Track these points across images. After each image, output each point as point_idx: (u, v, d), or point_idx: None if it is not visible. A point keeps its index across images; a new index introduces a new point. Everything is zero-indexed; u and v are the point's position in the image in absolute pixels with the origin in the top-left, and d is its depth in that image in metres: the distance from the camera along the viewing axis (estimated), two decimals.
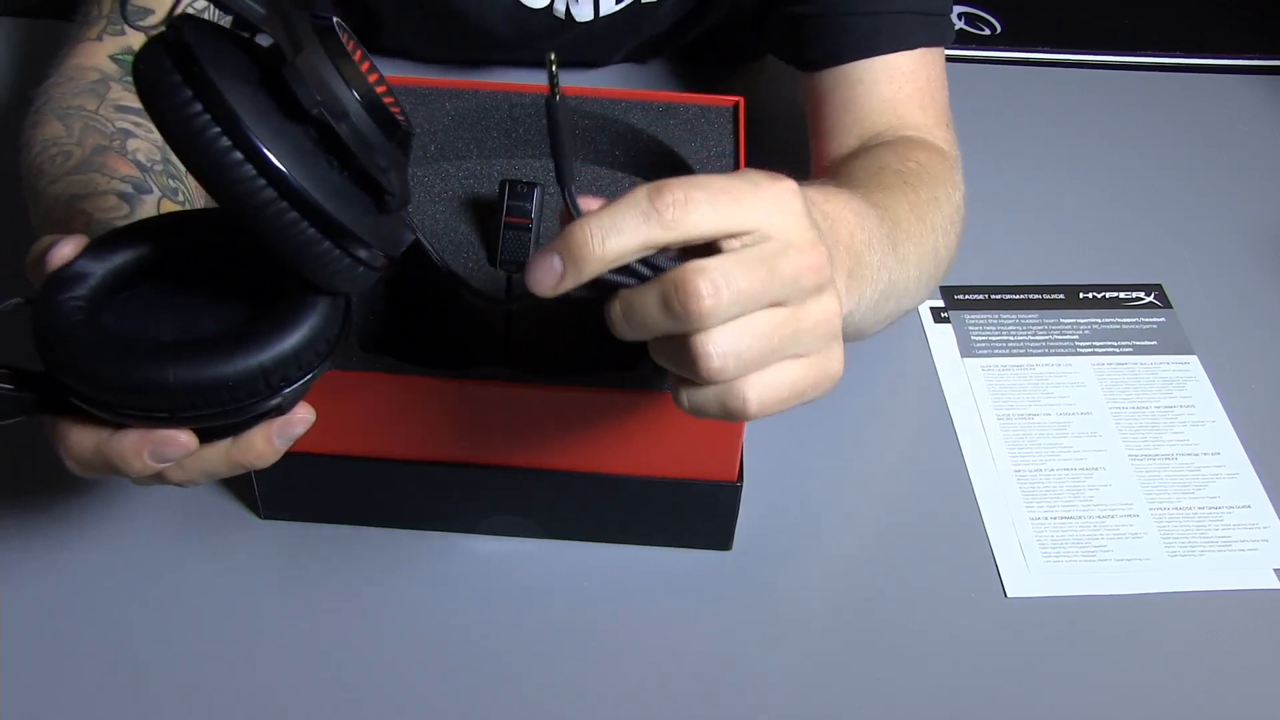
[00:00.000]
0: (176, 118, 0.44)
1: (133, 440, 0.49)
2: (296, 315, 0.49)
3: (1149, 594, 0.69)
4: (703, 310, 0.45)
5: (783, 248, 0.47)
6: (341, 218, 0.46)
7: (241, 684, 0.63)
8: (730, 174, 0.48)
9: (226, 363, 0.48)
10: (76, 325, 0.49)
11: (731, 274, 0.46)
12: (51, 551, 0.68)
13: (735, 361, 0.47)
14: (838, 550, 0.71)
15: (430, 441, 0.65)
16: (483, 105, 0.77)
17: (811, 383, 0.50)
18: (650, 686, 0.64)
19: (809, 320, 0.48)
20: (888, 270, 0.65)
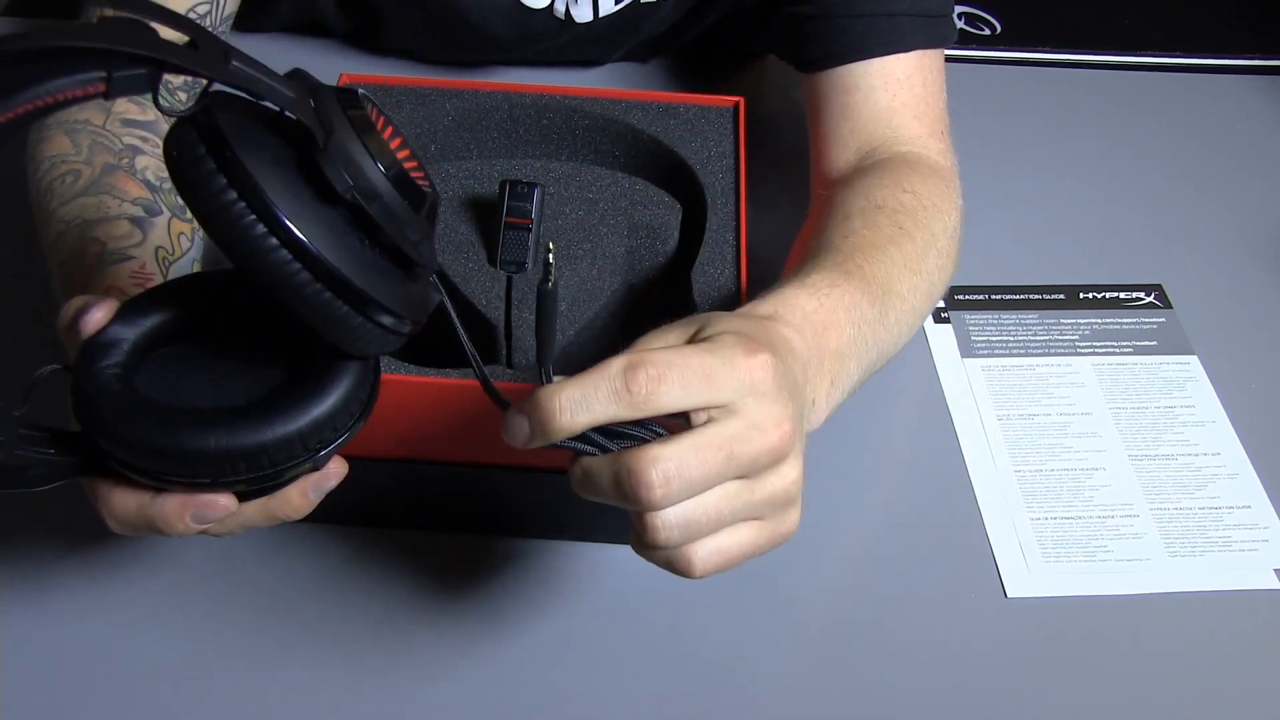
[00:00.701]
0: (211, 205, 0.45)
1: (175, 504, 0.51)
2: (331, 381, 0.51)
3: (1149, 594, 0.69)
4: (652, 499, 0.47)
5: (746, 430, 0.48)
6: (374, 293, 0.47)
7: (241, 685, 0.63)
8: (708, 348, 0.49)
9: (267, 430, 0.49)
10: (118, 394, 0.50)
11: (686, 463, 0.47)
12: (49, 553, 0.68)
13: (681, 533, 0.49)
14: (838, 550, 0.71)
15: (430, 442, 0.65)
16: (483, 105, 0.77)
17: (763, 544, 0.51)
18: (650, 687, 0.64)
19: (765, 492, 0.50)
20: (876, 347, 0.66)
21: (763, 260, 0.82)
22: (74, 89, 0.42)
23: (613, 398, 0.47)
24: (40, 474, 0.50)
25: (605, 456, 0.49)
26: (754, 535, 0.51)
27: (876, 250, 0.68)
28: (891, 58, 0.78)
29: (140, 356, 0.52)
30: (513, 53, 0.98)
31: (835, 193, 0.76)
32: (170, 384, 0.52)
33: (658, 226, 0.73)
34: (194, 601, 0.66)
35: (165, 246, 0.67)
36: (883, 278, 0.67)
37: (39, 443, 0.50)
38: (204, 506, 0.51)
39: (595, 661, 0.65)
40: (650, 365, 0.47)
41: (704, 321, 0.53)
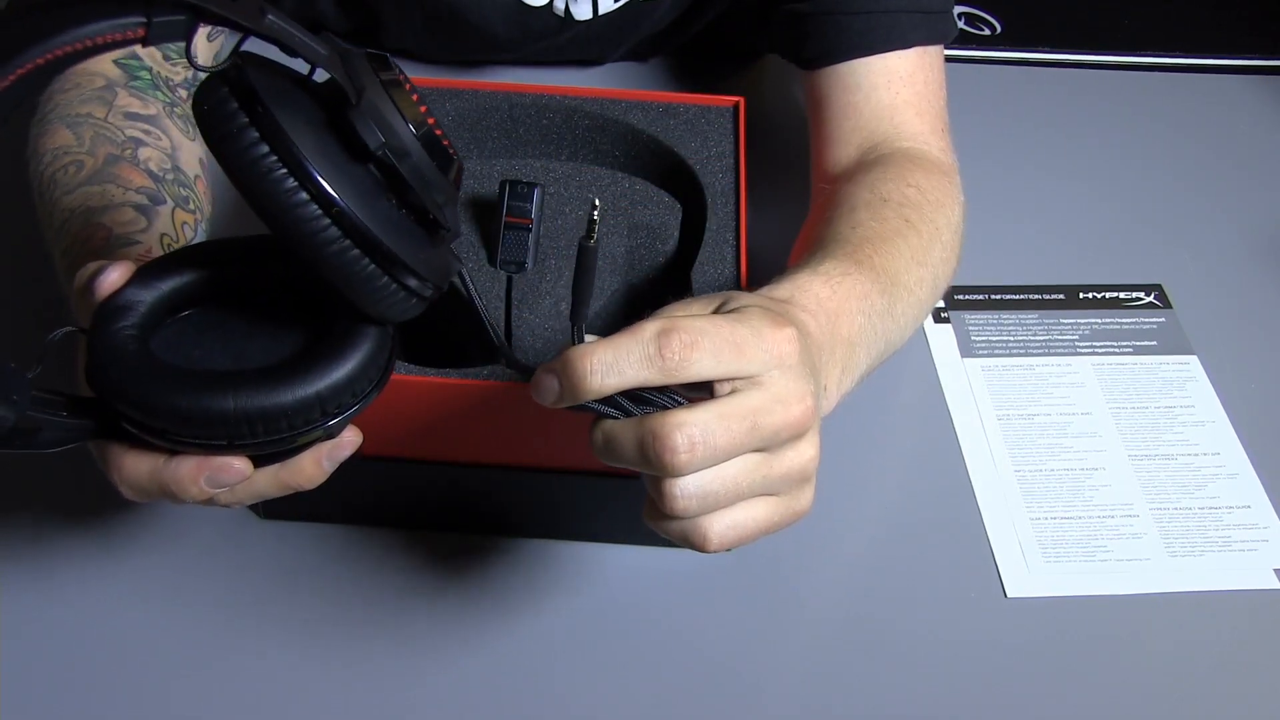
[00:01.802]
0: (243, 159, 0.45)
1: (190, 468, 0.50)
2: (351, 345, 0.51)
3: (1149, 594, 0.69)
4: (676, 464, 0.47)
5: (770, 402, 0.48)
6: (401, 254, 0.47)
7: (241, 684, 0.63)
8: (735, 318, 0.49)
9: (286, 392, 0.49)
10: (134, 356, 0.50)
11: (711, 431, 0.47)
12: (50, 553, 0.68)
13: (699, 503, 0.48)
14: (838, 550, 0.71)
15: (430, 442, 0.65)
16: (483, 105, 0.77)
17: (777, 521, 0.51)
18: (651, 686, 0.64)
19: (783, 467, 0.50)
20: (884, 338, 0.66)
21: (763, 260, 0.82)
22: (113, 33, 0.42)
23: (644, 362, 0.47)
24: (52, 437, 0.50)
25: (629, 420, 0.48)
26: (769, 511, 0.50)
27: (884, 242, 0.68)
28: (893, 55, 0.79)
29: (156, 320, 0.52)
30: (512, 52, 0.98)
31: (839, 187, 0.76)
32: (187, 347, 0.52)
33: (658, 226, 0.73)
34: (191, 597, 0.66)
35: (170, 234, 0.67)
36: (891, 269, 0.67)
37: (52, 405, 0.50)
38: (219, 470, 0.50)
39: (594, 661, 0.65)
40: (684, 332, 0.47)
41: (727, 297, 0.53)
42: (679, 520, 0.49)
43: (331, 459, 0.53)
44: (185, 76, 0.79)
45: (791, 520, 0.52)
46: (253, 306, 0.54)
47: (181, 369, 0.50)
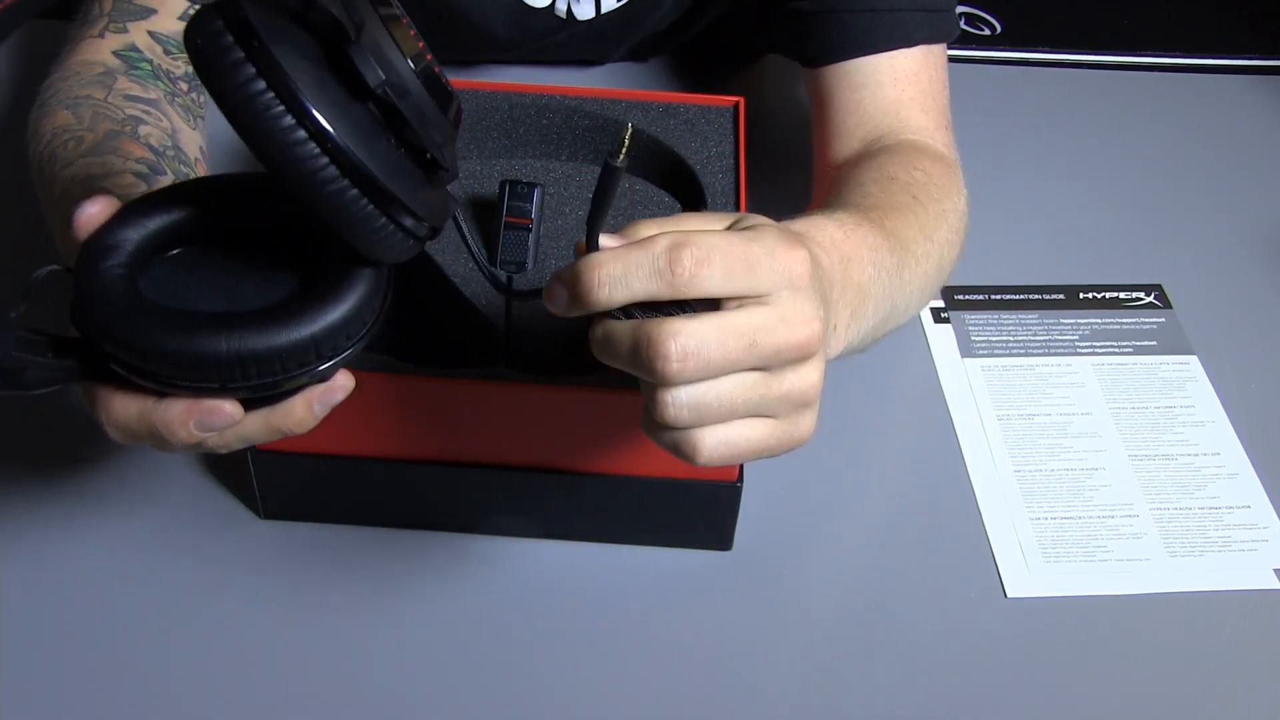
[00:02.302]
0: (239, 95, 0.44)
1: (179, 410, 0.49)
2: (345, 286, 0.49)
3: (1149, 594, 0.69)
4: (667, 372, 0.46)
5: (774, 321, 0.47)
6: (399, 193, 0.46)
7: (241, 684, 0.63)
8: (749, 236, 0.48)
9: (281, 334, 0.48)
10: (124, 295, 0.48)
11: (706, 343, 0.46)
12: (51, 552, 0.68)
13: (691, 414, 0.47)
14: (838, 550, 0.71)
15: (430, 441, 0.65)
16: (483, 105, 0.77)
17: (772, 445, 0.50)
18: (650, 686, 0.64)
19: (782, 389, 0.49)
20: (890, 299, 0.66)
21: None
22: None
23: (654, 276, 0.46)
24: (37, 377, 0.48)
25: (628, 322, 0.47)
26: (765, 433, 0.50)
27: (894, 210, 0.69)
28: (899, 53, 0.79)
29: (145, 259, 0.51)
30: (513, 51, 0.98)
31: (845, 170, 0.76)
32: (177, 286, 0.51)
33: None
34: (191, 597, 0.66)
35: None
36: (900, 234, 0.67)
37: (36, 346, 0.48)
38: (209, 413, 0.49)
39: (594, 661, 0.65)
40: (695, 246, 0.46)
41: (739, 217, 0.52)
42: (671, 430, 0.48)
43: (323, 403, 0.52)
44: (185, 70, 0.79)
45: (788, 445, 0.51)
46: (245, 246, 0.52)
47: (173, 309, 0.49)
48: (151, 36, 0.78)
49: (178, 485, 0.71)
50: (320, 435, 0.65)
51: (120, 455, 0.72)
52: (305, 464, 0.66)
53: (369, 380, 0.62)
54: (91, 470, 0.72)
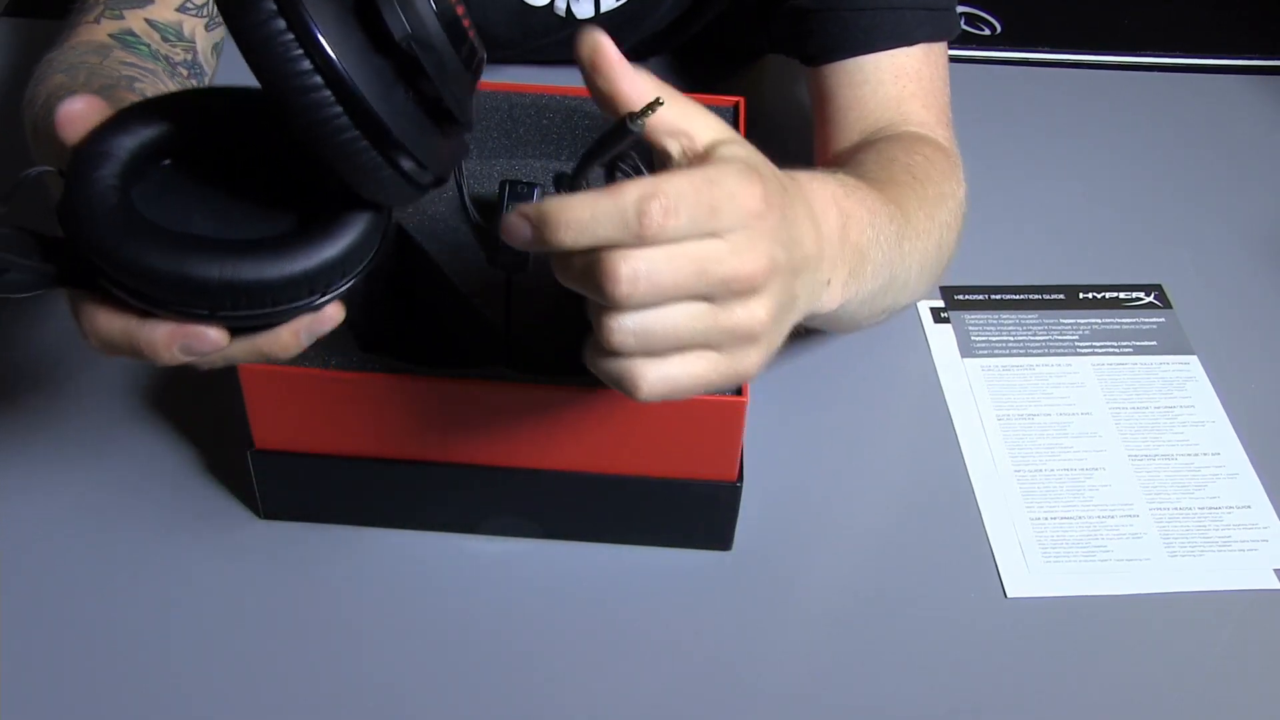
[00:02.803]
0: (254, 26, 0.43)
1: (165, 333, 0.49)
2: (344, 223, 0.49)
3: (1149, 594, 0.69)
4: (617, 294, 0.46)
5: (726, 253, 0.48)
6: (408, 144, 0.46)
7: (241, 684, 0.63)
8: (711, 179, 0.48)
9: (276, 268, 0.47)
10: (118, 211, 0.47)
11: (656, 266, 0.46)
12: (50, 551, 0.68)
13: (637, 340, 0.48)
14: (838, 550, 0.71)
15: (430, 442, 0.65)
16: (483, 105, 0.77)
17: (715, 380, 0.50)
18: (650, 686, 0.64)
19: (729, 321, 0.49)
20: (889, 267, 0.65)
21: None
22: None
23: (621, 228, 0.46)
24: (21, 280, 0.48)
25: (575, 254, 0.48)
26: (708, 367, 0.50)
27: (894, 184, 0.69)
28: (900, 51, 0.79)
29: (140, 169, 0.50)
30: (513, 50, 0.98)
31: (843, 157, 0.77)
32: (171, 203, 0.50)
33: None
34: (190, 596, 0.66)
35: None
36: (901, 204, 0.67)
37: (22, 245, 0.47)
38: (195, 338, 0.49)
39: (593, 661, 0.65)
40: (663, 197, 0.46)
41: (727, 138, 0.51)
42: (615, 358, 0.49)
43: (310, 332, 0.52)
44: (185, 57, 0.79)
45: (732, 381, 0.51)
46: (244, 166, 0.51)
47: (168, 231, 0.48)
48: (149, 24, 0.78)
49: (178, 485, 0.71)
50: (320, 435, 0.65)
51: (120, 455, 0.72)
52: (305, 464, 0.66)
53: (369, 380, 0.62)
54: (91, 470, 0.72)
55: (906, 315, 0.84)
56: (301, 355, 0.63)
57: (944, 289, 0.86)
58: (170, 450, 0.73)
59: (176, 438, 0.73)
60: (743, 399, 0.62)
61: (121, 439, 0.73)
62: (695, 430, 0.63)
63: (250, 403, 0.64)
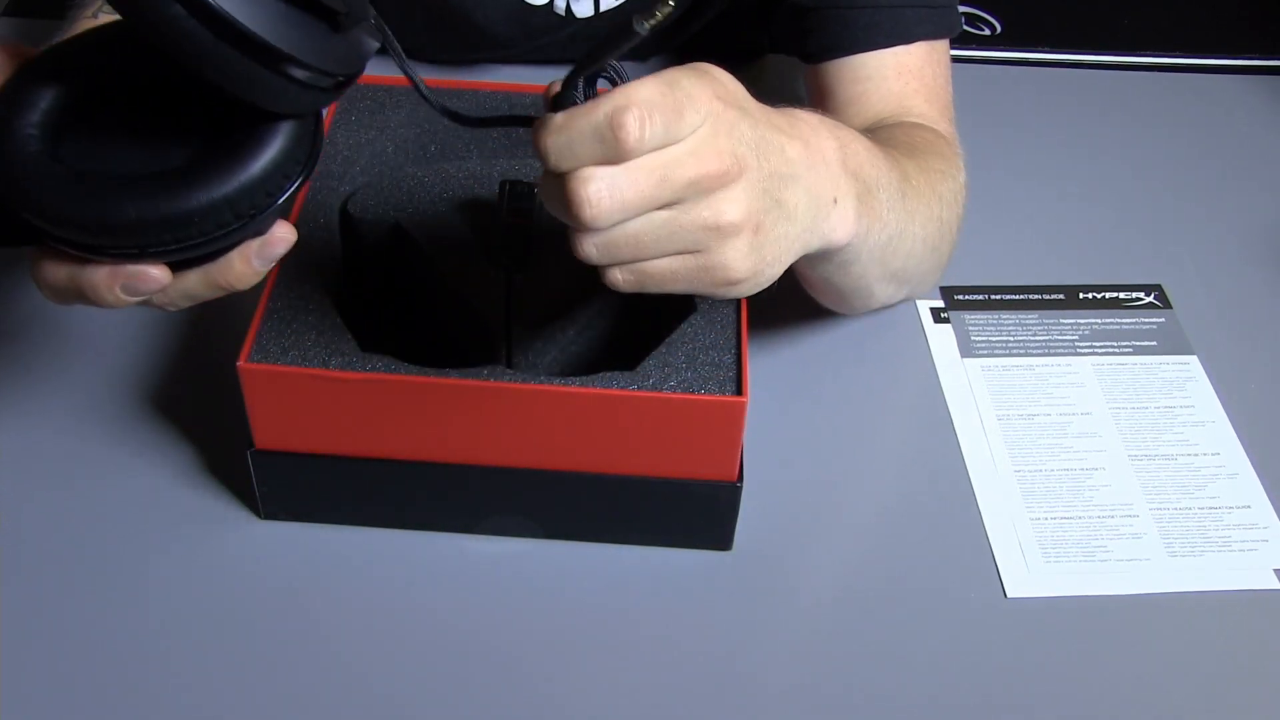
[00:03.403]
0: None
1: (104, 275, 0.49)
2: (261, 140, 0.47)
3: (1149, 594, 0.69)
4: (583, 217, 0.47)
5: (684, 155, 0.48)
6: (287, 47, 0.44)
7: (241, 684, 0.63)
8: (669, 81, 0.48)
9: (189, 197, 0.46)
10: (34, 160, 0.47)
11: (617, 184, 0.47)
12: (50, 551, 0.68)
13: (600, 254, 0.49)
14: (838, 551, 0.71)
15: (430, 442, 0.65)
16: (483, 105, 0.77)
17: (690, 278, 0.51)
18: (650, 687, 0.64)
19: (694, 220, 0.50)
20: (895, 216, 0.65)
21: None
22: None
23: (598, 145, 0.47)
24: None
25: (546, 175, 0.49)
26: (680, 266, 0.51)
27: (894, 150, 0.69)
28: (901, 49, 0.79)
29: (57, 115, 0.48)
30: (513, 50, 0.98)
31: None
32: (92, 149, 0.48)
33: None
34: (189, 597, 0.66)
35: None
36: (899, 165, 0.67)
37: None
38: (133, 279, 0.49)
39: (594, 662, 0.65)
40: (637, 108, 0.47)
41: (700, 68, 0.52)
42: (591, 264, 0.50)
43: (262, 257, 0.51)
44: None
45: (712, 279, 0.52)
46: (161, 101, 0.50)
47: (82, 175, 0.47)
48: None
49: (177, 485, 0.71)
50: (320, 435, 0.65)
51: (120, 455, 0.72)
52: (305, 464, 0.66)
53: (369, 380, 0.62)
54: (91, 470, 0.72)
55: (906, 315, 0.84)
56: (301, 355, 0.63)
57: (944, 289, 0.86)
58: (170, 450, 0.73)
59: (176, 438, 0.73)
60: (743, 399, 0.62)
61: (121, 438, 0.73)
62: (695, 430, 0.63)
63: (250, 403, 0.64)
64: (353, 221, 0.72)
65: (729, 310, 0.67)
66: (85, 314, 0.80)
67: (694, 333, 0.66)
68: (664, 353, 0.64)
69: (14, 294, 0.81)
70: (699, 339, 0.65)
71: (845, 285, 0.70)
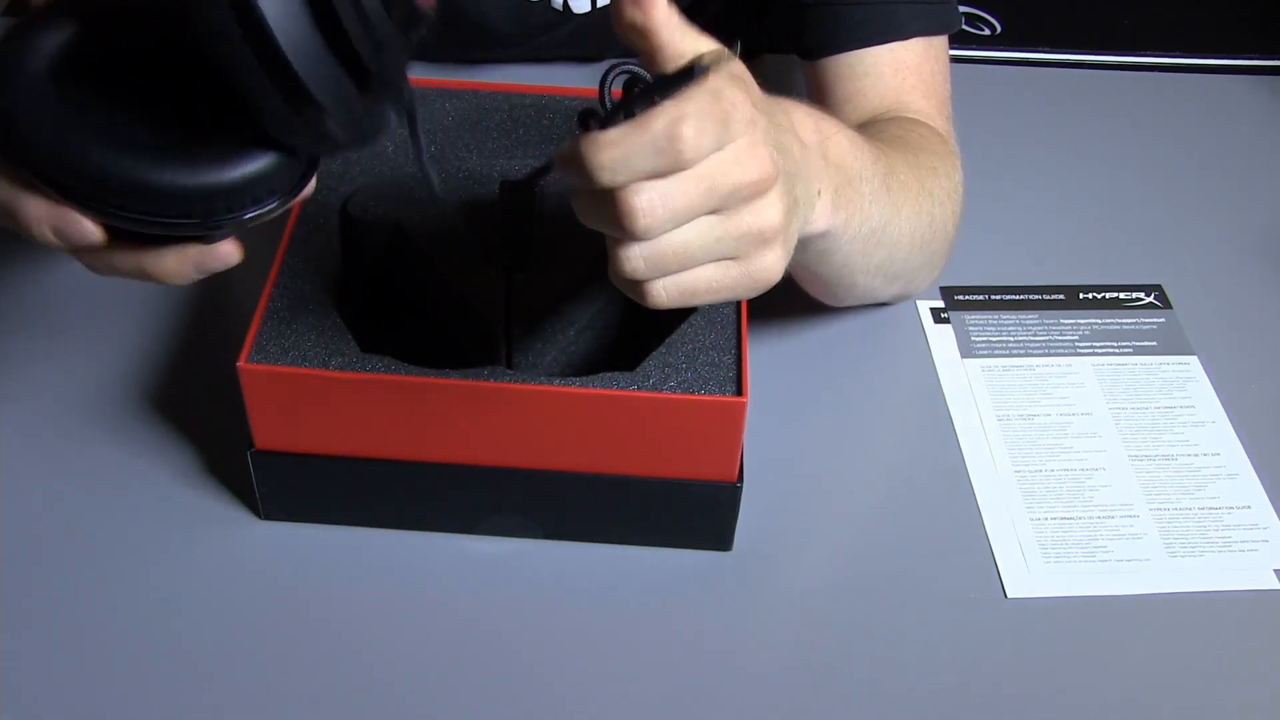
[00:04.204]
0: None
1: (38, 207, 0.48)
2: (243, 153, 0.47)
3: (1149, 594, 0.69)
4: (637, 228, 0.47)
5: (729, 164, 0.49)
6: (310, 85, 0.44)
7: (241, 684, 0.63)
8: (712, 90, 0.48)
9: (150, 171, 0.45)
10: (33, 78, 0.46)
11: (669, 193, 0.47)
12: (51, 551, 0.68)
13: (648, 267, 0.49)
14: (837, 551, 0.71)
15: (430, 442, 0.65)
16: (483, 105, 0.77)
17: (731, 285, 0.51)
18: (650, 687, 0.64)
19: (740, 228, 0.50)
20: (879, 208, 0.65)
21: None
22: None
23: (655, 158, 0.47)
24: None
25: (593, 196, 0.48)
26: (722, 274, 0.51)
27: (882, 143, 0.69)
28: (897, 45, 0.79)
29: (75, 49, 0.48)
30: (512, 48, 0.98)
31: None
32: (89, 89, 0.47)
33: None
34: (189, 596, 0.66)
35: None
36: (886, 157, 0.67)
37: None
38: (66, 223, 0.47)
39: (594, 662, 0.65)
40: (690, 120, 0.47)
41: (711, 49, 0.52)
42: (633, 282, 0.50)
43: (199, 265, 0.50)
44: None
45: (750, 284, 0.52)
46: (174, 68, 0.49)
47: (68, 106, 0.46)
48: None
49: (177, 485, 0.71)
50: (320, 435, 0.65)
51: (120, 455, 0.72)
52: (305, 464, 0.66)
53: (369, 380, 0.62)
54: (91, 470, 0.72)
55: (906, 315, 0.84)
56: (301, 355, 0.63)
57: (944, 289, 0.86)
58: (170, 450, 0.73)
59: (176, 438, 0.73)
60: (743, 399, 0.62)
61: (121, 439, 0.73)
62: (695, 430, 0.63)
63: (250, 403, 0.64)
64: (353, 221, 0.72)
65: (729, 310, 0.67)
66: (85, 314, 0.80)
67: (694, 333, 0.66)
68: (664, 353, 0.64)
69: (14, 294, 0.81)
70: (699, 339, 0.65)
71: (827, 275, 0.71)
